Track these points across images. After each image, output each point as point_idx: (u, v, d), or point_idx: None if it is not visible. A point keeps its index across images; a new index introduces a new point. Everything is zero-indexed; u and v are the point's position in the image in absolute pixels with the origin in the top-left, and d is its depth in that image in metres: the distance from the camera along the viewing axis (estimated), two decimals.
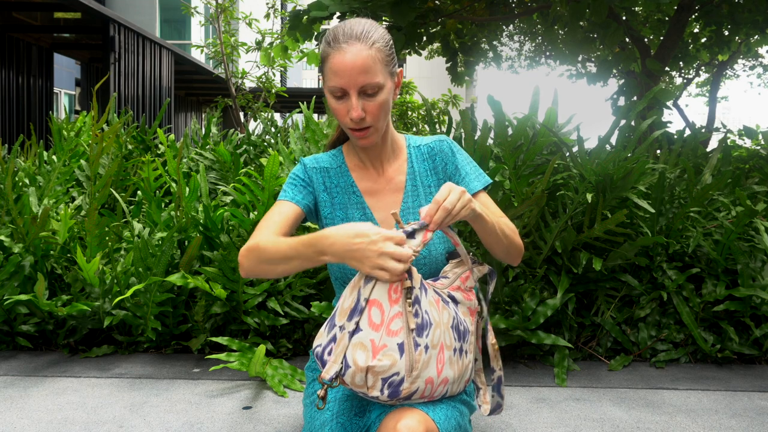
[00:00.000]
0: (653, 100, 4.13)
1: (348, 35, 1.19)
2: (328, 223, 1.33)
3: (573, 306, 2.34)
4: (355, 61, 1.17)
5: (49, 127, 10.48)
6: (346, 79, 1.18)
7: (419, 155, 1.37)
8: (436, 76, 35.90)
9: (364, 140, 1.25)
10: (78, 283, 2.36)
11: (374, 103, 1.21)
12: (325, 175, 1.35)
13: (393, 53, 1.25)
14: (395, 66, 1.26)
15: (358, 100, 1.20)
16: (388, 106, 1.25)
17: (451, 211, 1.09)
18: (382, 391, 1.05)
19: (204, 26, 11.90)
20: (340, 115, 1.23)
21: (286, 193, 1.33)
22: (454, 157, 1.35)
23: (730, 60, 8.73)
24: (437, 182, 1.35)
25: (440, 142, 1.37)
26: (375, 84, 1.19)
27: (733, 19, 5.40)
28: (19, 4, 9.09)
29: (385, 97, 1.22)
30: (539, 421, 1.80)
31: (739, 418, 1.84)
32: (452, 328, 1.18)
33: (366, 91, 1.20)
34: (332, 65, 1.19)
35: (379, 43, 1.20)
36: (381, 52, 1.20)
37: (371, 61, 1.18)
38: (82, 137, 3.50)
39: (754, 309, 2.30)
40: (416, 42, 5.06)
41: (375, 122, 1.23)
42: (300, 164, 1.37)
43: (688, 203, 2.47)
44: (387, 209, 1.33)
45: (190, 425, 1.76)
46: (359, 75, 1.18)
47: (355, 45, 1.18)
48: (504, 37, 10.09)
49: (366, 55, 1.18)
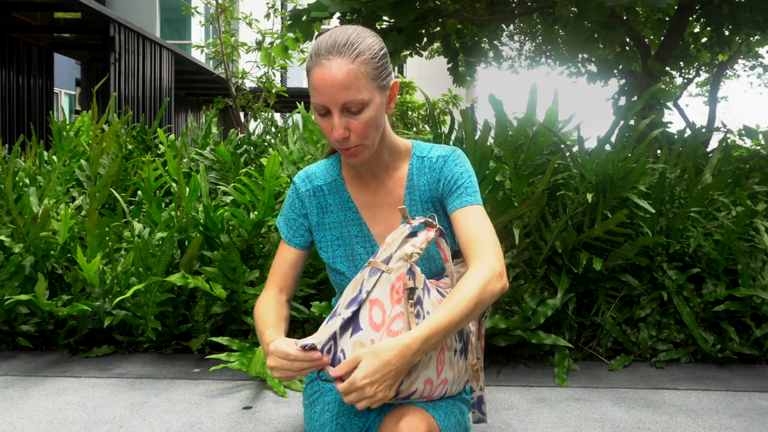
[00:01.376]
0: (653, 100, 4.13)
1: (329, 48, 1.10)
2: (322, 246, 1.32)
3: (573, 306, 2.34)
4: (335, 78, 1.08)
5: (49, 127, 10.48)
6: (327, 97, 1.10)
7: (421, 167, 1.27)
8: (436, 76, 35.87)
9: (353, 158, 1.17)
10: (78, 283, 2.36)
11: (359, 121, 1.12)
12: (319, 195, 1.31)
13: (384, 64, 1.15)
14: (387, 77, 1.16)
15: (341, 118, 1.12)
16: (377, 122, 1.15)
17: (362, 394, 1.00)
18: None
19: (204, 26, 11.91)
20: (325, 133, 1.16)
21: (282, 229, 1.34)
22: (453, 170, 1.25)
23: (730, 60, 8.73)
24: (432, 200, 1.27)
25: (443, 158, 1.26)
26: (359, 101, 1.10)
27: (733, 19, 5.40)
28: (19, 4, 9.09)
29: (372, 114, 1.13)
30: (539, 421, 1.80)
31: (739, 418, 1.84)
32: None
33: (349, 109, 1.11)
34: (313, 81, 1.11)
35: (364, 55, 1.11)
36: (366, 65, 1.11)
37: (353, 77, 1.09)
38: (82, 137, 3.50)
39: (755, 309, 2.30)
40: (417, 42, 5.06)
41: (362, 140, 1.15)
42: (292, 188, 1.33)
43: (688, 203, 2.47)
44: (385, 224, 1.28)
45: (190, 425, 1.75)
46: (340, 92, 1.09)
47: (335, 59, 1.09)
48: (504, 37, 10.08)
49: (347, 71, 1.09)
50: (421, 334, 1.02)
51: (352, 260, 1.29)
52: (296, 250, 1.33)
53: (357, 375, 0.98)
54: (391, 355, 0.99)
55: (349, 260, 1.29)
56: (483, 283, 1.09)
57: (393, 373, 1.00)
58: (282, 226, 1.34)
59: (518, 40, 10.95)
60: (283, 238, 1.34)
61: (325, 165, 1.34)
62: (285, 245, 1.34)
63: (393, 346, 1.00)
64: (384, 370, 0.99)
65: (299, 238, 1.32)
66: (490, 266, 1.11)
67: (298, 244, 1.32)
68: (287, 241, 1.33)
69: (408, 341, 1.01)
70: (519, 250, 2.32)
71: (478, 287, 1.08)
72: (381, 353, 0.99)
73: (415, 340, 1.01)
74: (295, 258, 1.33)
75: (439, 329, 1.03)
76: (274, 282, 1.32)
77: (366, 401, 1.00)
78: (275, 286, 1.31)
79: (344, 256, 1.29)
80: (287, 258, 1.33)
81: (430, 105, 2.71)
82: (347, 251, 1.29)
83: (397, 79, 1.22)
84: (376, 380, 0.99)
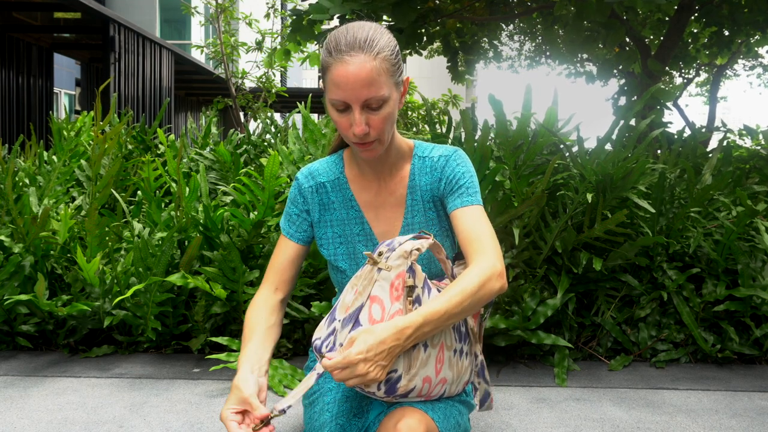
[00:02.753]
0: (653, 100, 4.13)
1: (351, 44, 1.10)
2: (323, 244, 1.32)
3: (573, 306, 2.34)
4: (359, 74, 1.09)
5: (49, 127, 10.48)
6: (349, 93, 1.10)
7: (423, 167, 1.28)
8: (436, 76, 35.87)
9: (368, 153, 1.18)
10: (78, 283, 2.36)
11: (378, 116, 1.13)
12: (322, 192, 1.31)
13: (399, 61, 1.16)
14: (401, 74, 1.18)
15: (362, 114, 1.12)
16: (394, 118, 1.17)
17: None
18: (378, 387, 1.05)
19: (204, 26, 11.90)
20: (342, 129, 1.16)
21: (284, 225, 1.33)
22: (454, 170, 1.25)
23: (730, 60, 8.73)
24: (433, 199, 1.28)
25: (444, 158, 1.27)
26: (380, 97, 1.11)
27: (733, 19, 5.40)
28: (19, 4, 9.09)
29: (390, 110, 1.14)
30: (539, 421, 1.80)
31: (739, 418, 1.84)
32: (454, 329, 1.18)
33: (370, 105, 1.12)
34: (334, 77, 1.10)
35: (384, 52, 1.12)
36: (386, 61, 1.12)
37: (376, 74, 1.09)
38: (82, 137, 3.50)
39: (755, 309, 2.30)
40: (416, 42, 5.06)
41: (380, 135, 1.16)
42: (295, 184, 1.33)
43: (688, 203, 2.47)
44: (387, 223, 1.28)
45: (190, 425, 1.75)
46: (363, 89, 1.09)
47: (358, 56, 1.09)
48: (504, 36, 10.09)
49: (370, 68, 1.09)
50: (416, 320, 1.03)
51: (353, 258, 1.29)
52: (296, 245, 1.32)
53: (351, 350, 0.99)
54: (386, 335, 1.01)
55: (350, 258, 1.29)
56: (482, 280, 1.09)
57: (386, 354, 1.01)
58: (283, 222, 1.34)
59: (518, 40, 10.96)
60: (284, 233, 1.33)
61: (328, 162, 1.34)
62: (284, 241, 1.32)
63: (387, 327, 1.01)
64: (378, 348, 1.00)
65: (301, 233, 1.32)
66: (490, 264, 1.12)
67: (299, 239, 1.32)
68: (288, 236, 1.32)
69: (402, 325, 1.02)
70: (519, 250, 2.32)
71: (477, 282, 1.09)
72: (376, 332, 1.01)
73: (410, 325, 1.02)
74: (294, 253, 1.32)
75: (434, 318, 1.04)
76: (270, 280, 1.30)
77: (357, 379, 1.00)
78: (271, 285, 1.30)
79: (346, 254, 1.30)
80: (287, 253, 1.31)
81: (429, 106, 2.71)
82: (349, 249, 1.30)
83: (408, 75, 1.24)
84: (370, 358, 0.99)
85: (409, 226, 1.28)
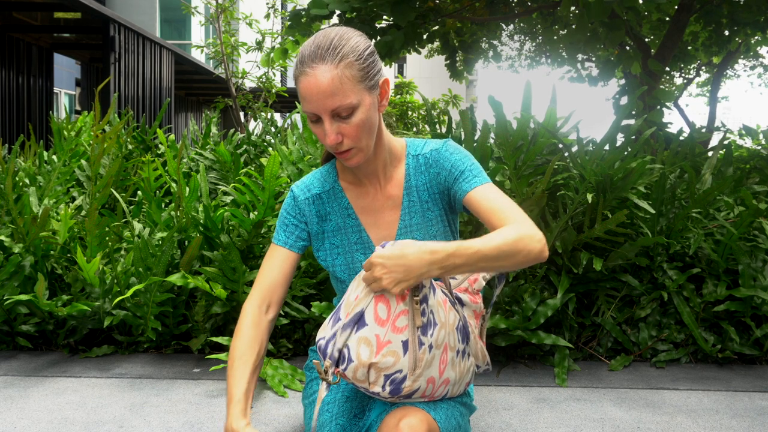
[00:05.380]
0: (654, 100, 4.12)
1: (312, 55, 1.09)
2: (320, 255, 1.31)
3: (573, 306, 2.34)
4: (320, 85, 1.07)
5: (49, 127, 10.49)
6: (315, 105, 1.09)
7: (417, 166, 1.26)
8: (436, 76, 35.87)
9: (349, 161, 1.16)
10: (78, 283, 2.36)
11: (350, 125, 1.11)
12: (318, 203, 1.29)
13: (370, 63, 1.13)
14: (376, 76, 1.14)
15: (333, 123, 1.11)
16: (371, 124, 1.14)
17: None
18: (383, 387, 1.05)
19: (204, 26, 11.90)
20: (320, 138, 1.15)
21: (278, 236, 1.30)
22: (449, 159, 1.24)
23: (730, 60, 8.72)
24: (433, 197, 1.26)
25: (436, 151, 1.25)
26: (348, 105, 1.09)
27: (733, 19, 5.39)
28: (19, 4, 9.09)
29: (363, 116, 1.11)
30: (539, 421, 1.80)
31: (739, 419, 1.84)
32: (457, 330, 1.18)
33: (339, 114, 1.10)
34: (300, 90, 1.10)
35: (349, 58, 1.09)
36: (351, 67, 1.09)
37: (338, 82, 1.07)
38: (82, 137, 3.50)
39: (755, 309, 2.30)
40: (416, 41, 5.06)
41: (356, 143, 1.13)
42: (290, 196, 1.31)
43: (689, 204, 2.47)
44: (385, 227, 1.27)
45: (190, 425, 1.75)
46: (327, 99, 1.08)
47: (319, 66, 1.08)
48: (504, 36, 10.09)
49: (331, 77, 1.07)
50: (448, 247, 1.03)
51: (352, 268, 1.28)
52: (290, 254, 1.28)
53: (375, 253, 1.02)
54: (411, 250, 1.01)
55: (349, 268, 1.28)
56: (522, 234, 1.07)
57: (403, 268, 1.01)
58: (278, 231, 1.31)
59: (518, 40, 10.96)
60: (278, 243, 1.29)
61: (321, 173, 1.32)
62: (278, 251, 1.28)
63: (415, 244, 1.02)
64: (398, 259, 1.01)
65: (298, 241, 1.29)
66: (529, 226, 1.10)
67: (295, 247, 1.29)
68: (283, 244, 1.29)
69: (431, 247, 1.02)
70: None
71: (516, 235, 1.07)
72: (402, 244, 1.02)
73: (440, 250, 1.02)
74: (288, 266, 1.28)
75: (467, 252, 1.03)
76: (262, 297, 1.25)
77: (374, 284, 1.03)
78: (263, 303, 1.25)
79: (344, 265, 1.28)
80: (282, 267, 1.27)
81: (429, 106, 2.71)
82: (347, 259, 1.28)
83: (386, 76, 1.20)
84: (387, 264, 1.00)
85: (407, 228, 1.26)
